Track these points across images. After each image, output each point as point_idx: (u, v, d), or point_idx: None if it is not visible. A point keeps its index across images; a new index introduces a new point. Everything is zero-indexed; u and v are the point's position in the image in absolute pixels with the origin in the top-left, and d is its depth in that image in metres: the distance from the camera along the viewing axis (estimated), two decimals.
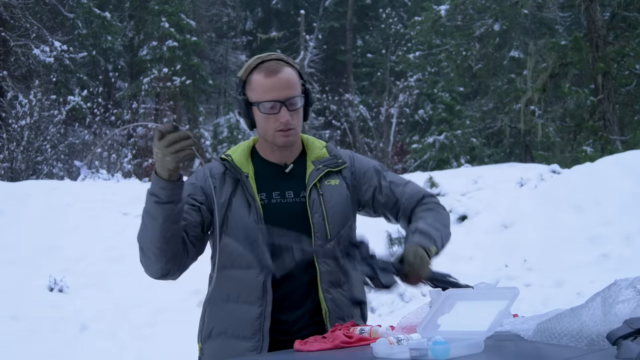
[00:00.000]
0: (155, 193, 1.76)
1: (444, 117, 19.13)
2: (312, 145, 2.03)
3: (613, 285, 1.26)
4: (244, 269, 1.86)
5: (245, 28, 29.20)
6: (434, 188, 9.10)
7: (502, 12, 16.98)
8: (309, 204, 1.91)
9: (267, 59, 1.93)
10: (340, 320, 1.88)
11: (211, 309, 1.93)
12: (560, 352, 1.19)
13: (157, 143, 1.69)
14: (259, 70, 1.91)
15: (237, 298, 1.87)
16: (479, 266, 7.44)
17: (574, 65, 14.96)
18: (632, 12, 14.91)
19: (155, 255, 1.79)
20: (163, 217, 1.76)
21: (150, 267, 1.83)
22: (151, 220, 1.77)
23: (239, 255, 1.87)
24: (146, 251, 1.81)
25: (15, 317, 6.25)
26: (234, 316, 1.85)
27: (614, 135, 13.98)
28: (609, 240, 7.00)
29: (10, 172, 12.83)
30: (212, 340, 1.90)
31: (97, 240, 7.90)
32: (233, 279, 1.88)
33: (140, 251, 1.83)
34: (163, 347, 6.08)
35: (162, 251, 1.79)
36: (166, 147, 1.68)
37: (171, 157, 1.69)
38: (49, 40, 16.46)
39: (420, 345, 1.21)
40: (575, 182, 8.16)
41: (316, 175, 1.94)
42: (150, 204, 1.77)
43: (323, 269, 1.88)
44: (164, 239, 1.77)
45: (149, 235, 1.79)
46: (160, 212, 1.75)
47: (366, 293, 2.02)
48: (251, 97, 1.92)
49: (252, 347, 1.82)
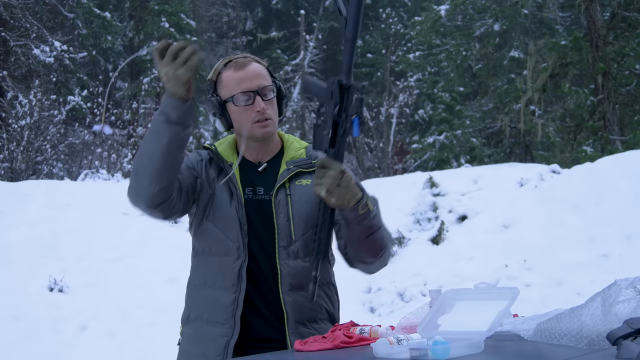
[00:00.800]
0: (165, 112, 1.74)
1: (444, 117, 19.13)
2: (291, 145, 2.01)
3: (613, 285, 1.26)
4: (222, 255, 1.87)
5: (245, 28, 29.19)
6: (434, 188, 9.10)
7: (502, 12, 16.99)
8: (275, 204, 1.90)
9: (233, 58, 1.97)
10: (300, 325, 1.86)
11: (190, 293, 1.95)
12: (560, 352, 1.19)
13: (162, 63, 1.68)
14: (228, 68, 1.95)
15: (214, 284, 1.88)
16: (479, 266, 7.44)
17: (574, 65, 14.96)
18: (632, 12, 14.91)
19: (149, 177, 1.75)
20: (169, 138, 1.73)
21: (141, 192, 1.78)
22: (156, 139, 1.74)
23: (217, 241, 1.88)
24: (141, 172, 1.76)
25: (15, 317, 6.25)
26: (209, 301, 1.87)
27: (614, 135, 13.98)
28: (609, 240, 7.00)
29: (10, 172, 12.83)
30: (190, 324, 1.93)
31: (97, 240, 7.90)
32: (210, 264, 1.89)
33: (133, 175, 1.79)
34: (163, 347, 6.07)
35: (159, 174, 1.75)
36: (172, 60, 1.67)
37: (183, 69, 1.68)
38: (49, 40, 16.45)
39: (420, 345, 1.21)
40: (575, 182, 8.16)
41: (285, 175, 1.93)
42: (159, 124, 1.74)
43: (284, 271, 1.87)
44: (165, 161, 1.74)
45: (148, 154, 1.75)
46: (167, 131, 1.73)
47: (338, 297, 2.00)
48: (224, 95, 1.93)
49: (224, 333, 1.84)
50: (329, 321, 1.93)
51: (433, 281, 7.26)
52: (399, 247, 8.34)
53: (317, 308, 1.90)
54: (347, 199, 1.67)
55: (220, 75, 1.96)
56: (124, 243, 8.01)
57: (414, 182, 9.92)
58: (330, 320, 1.94)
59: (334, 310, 1.97)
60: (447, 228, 8.49)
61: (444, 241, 8.34)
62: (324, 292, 1.94)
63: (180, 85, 1.70)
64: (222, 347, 1.83)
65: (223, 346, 1.83)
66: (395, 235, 8.39)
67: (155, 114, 1.76)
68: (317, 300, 1.89)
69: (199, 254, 1.93)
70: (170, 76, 1.69)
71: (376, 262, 1.89)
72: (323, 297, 1.94)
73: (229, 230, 1.87)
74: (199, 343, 1.88)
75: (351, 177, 1.67)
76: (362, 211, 1.72)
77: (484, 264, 7.45)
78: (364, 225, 1.76)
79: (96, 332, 6.27)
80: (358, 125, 1.65)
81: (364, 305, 7.46)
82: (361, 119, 1.65)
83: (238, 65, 1.94)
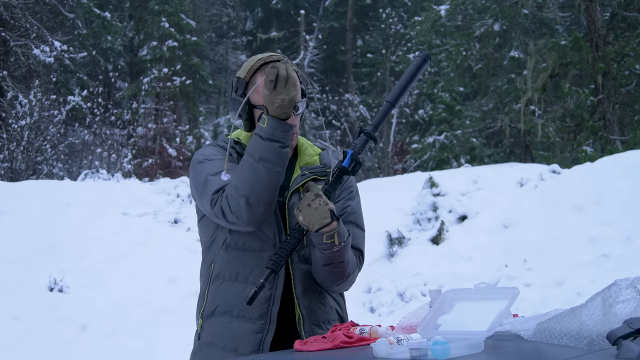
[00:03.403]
0: (277, 138, 1.75)
1: (444, 117, 19.13)
2: (305, 151, 2.02)
3: (613, 285, 1.26)
4: (257, 251, 1.87)
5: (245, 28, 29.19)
6: (434, 188, 9.10)
7: (502, 12, 16.98)
8: (288, 207, 1.90)
9: (269, 60, 1.92)
10: (316, 326, 1.87)
11: (216, 287, 1.90)
12: (560, 352, 1.19)
13: (276, 92, 1.73)
14: (264, 72, 1.90)
15: (247, 279, 1.86)
16: (479, 266, 7.44)
17: (574, 65, 14.96)
18: (632, 12, 14.92)
19: (266, 205, 1.77)
20: (282, 164, 1.77)
21: (255, 218, 1.78)
22: (270, 167, 1.75)
23: (253, 237, 1.87)
24: (256, 203, 1.76)
25: (15, 317, 6.25)
26: (241, 297, 1.84)
27: (614, 135, 13.98)
28: (609, 240, 7.00)
29: (10, 172, 12.83)
30: (215, 319, 1.88)
31: (97, 240, 7.91)
32: (245, 259, 1.87)
33: (245, 206, 1.76)
34: (163, 347, 6.08)
35: (273, 199, 1.78)
36: (285, 86, 1.73)
37: (295, 91, 1.74)
38: (49, 40, 16.45)
39: (420, 345, 1.21)
40: (575, 182, 8.16)
41: (300, 181, 1.93)
42: (273, 151, 1.75)
43: (297, 274, 1.88)
44: (278, 185, 1.79)
45: (263, 184, 1.75)
46: (281, 157, 1.76)
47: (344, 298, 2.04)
48: (255, 100, 1.90)
49: (258, 329, 1.83)
50: (339, 322, 1.96)
51: (433, 281, 7.26)
52: (399, 247, 8.34)
53: (328, 310, 1.93)
54: (313, 221, 1.73)
55: (254, 77, 1.92)
56: (124, 243, 8.01)
57: (414, 182, 9.92)
58: (340, 321, 1.97)
59: (342, 311, 2.01)
60: (447, 228, 8.48)
61: (444, 241, 8.34)
62: (327, 297, 1.97)
63: (291, 107, 1.75)
64: (256, 343, 1.82)
65: (258, 342, 1.82)
66: (395, 235, 8.39)
67: (262, 142, 1.76)
68: (329, 302, 1.94)
69: (230, 247, 1.89)
70: (286, 102, 1.73)
71: (332, 288, 1.93)
72: (333, 298, 1.97)
73: (265, 227, 1.86)
74: (228, 338, 1.85)
75: (325, 203, 1.73)
76: (327, 241, 1.78)
77: (484, 264, 7.45)
78: (326, 254, 1.81)
79: (96, 332, 6.27)
80: (350, 158, 1.79)
81: (364, 305, 7.46)
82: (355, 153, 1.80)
83: None
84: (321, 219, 1.72)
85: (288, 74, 1.72)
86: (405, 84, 1.85)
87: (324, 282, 1.90)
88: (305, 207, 1.72)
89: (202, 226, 1.99)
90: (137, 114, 18.77)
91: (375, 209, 8.09)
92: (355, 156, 1.78)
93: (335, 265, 1.83)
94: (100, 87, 18.58)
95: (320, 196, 1.73)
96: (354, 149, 1.79)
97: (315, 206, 1.71)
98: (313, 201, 1.71)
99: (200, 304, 1.94)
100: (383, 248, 8.28)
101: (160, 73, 19.42)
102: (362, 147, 1.79)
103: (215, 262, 1.92)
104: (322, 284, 1.91)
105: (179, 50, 20.44)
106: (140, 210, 9.00)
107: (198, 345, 1.93)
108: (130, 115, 18.26)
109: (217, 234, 1.93)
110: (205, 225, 1.97)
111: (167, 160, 17.81)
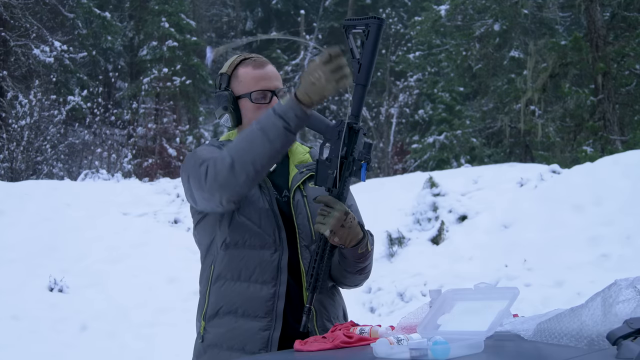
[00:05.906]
0: (287, 118, 1.70)
1: (444, 117, 19.12)
2: (296, 150, 2.03)
3: (613, 285, 1.26)
4: (258, 248, 1.86)
5: (245, 28, 29.18)
6: (434, 188, 9.10)
7: (502, 12, 16.98)
8: (293, 204, 1.91)
9: (249, 56, 1.98)
10: (327, 322, 1.88)
11: (218, 288, 1.89)
12: (560, 352, 1.19)
13: (322, 67, 1.66)
14: (246, 64, 1.95)
15: (249, 277, 1.85)
16: (479, 266, 7.44)
17: (574, 65, 14.96)
18: (632, 12, 14.91)
19: (247, 176, 1.72)
20: (281, 145, 1.72)
21: (231, 186, 1.73)
22: (266, 141, 1.70)
23: (253, 234, 1.86)
24: (239, 169, 1.71)
25: (15, 317, 6.25)
26: (244, 295, 1.84)
27: (614, 135, 13.98)
28: (609, 240, 7.00)
29: (10, 172, 12.83)
30: (219, 319, 1.87)
31: (97, 240, 7.91)
32: (246, 258, 1.86)
33: (227, 166, 1.72)
34: (163, 347, 6.08)
35: (258, 175, 1.73)
36: (332, 72, 1.66)
37: (333, 85, 1.67)
38: (49, 40, 16.45)
39: (420, 345, 1.21)
40: (575, 182, 8.16)
41: (300, 178, 1.94)
42: (275, 127, 1.70)
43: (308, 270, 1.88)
44: (268, 165, 1.75)
45: (254, 154, 1.71)
46: (283, 138, 1.71)
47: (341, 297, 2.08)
48: (239, 90, 1.93)
49: (265, 327, 1.82)
50: (343, 319, 1.98)
51: (433, 281, 7.26)
52: (399, 247, 8.34)
53: (337, 306, 1.96)
54: (350, 239, 1.76)
55: (236, 70, 1.96)
56: (124, 243, 8.01)
57: (414, 182, 9.92)
58: (344, 318, 1.99)
59: (345, 309, 2.04)
60: (447, 228, 8.48)
61: (444, 241, 8.34)
62: (337, 292, 2.00)
63: (320, 95, 1.68)
64: (264, 341, 1.81)
65: (265, 340, 1.81)
66: (395, 235, 8.39)
67: (271, 114, 1.72)
68: (337, 299, 1.97)
69: (230, 246, 1.87)
70: (320, 83, 1.67)
71: (353, 286, 1.99)
72: (340, 295, 2.01)
73: (264, 224, 1.86)
74: (235, 337, 1.83)
75: (354, 218, 1.76)
76: (361, 251, 1.81)
77: (484, 264, 7.45)
78: (359, 262, 1.85)
79: (96, 332, 6.27)
80: (366, 171, 1.74)
81: (364, 305, 7.46)
82: (369, 165, 1.74)
83: (257, 63, 1.95)
84: (356, 235, 1.76)
85: (344, 66, 1.67)
86: (369, 61, 1.75)
87: (348, 283, 1.95)
88: (339, 228, 1.72)
89: (200, 229, 1.97)
90: (137, 114, 18.76)
91: (375, 209, 8.09)
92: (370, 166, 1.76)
93: (366, 267, 1.90)
94: (100, 87, 18.60)
95: (349, 213, 1.74)
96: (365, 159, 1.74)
97: (349, 225, 1.73)
98: (345, 221, 1.72)
99: (202, 307, 1.92)
100: (383, 248, 8.28)
101: (160, 73, 19.42)
102: (368, 152, 1.77)
103: (215, 263, 1.91)
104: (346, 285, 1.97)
105: (179, 50, 20.43)
106: (140, 210, 9.01)
107: (202, 348, 1.90)
108: (130, 115, 18.25)
109: (216, 235, 1.92)
110: (204, 228, 1.96)
111: (167, 160, 17.81)
